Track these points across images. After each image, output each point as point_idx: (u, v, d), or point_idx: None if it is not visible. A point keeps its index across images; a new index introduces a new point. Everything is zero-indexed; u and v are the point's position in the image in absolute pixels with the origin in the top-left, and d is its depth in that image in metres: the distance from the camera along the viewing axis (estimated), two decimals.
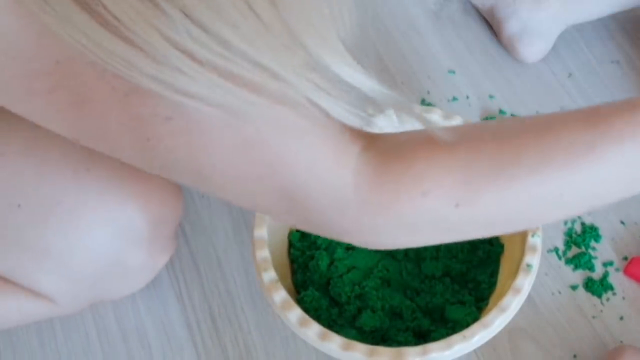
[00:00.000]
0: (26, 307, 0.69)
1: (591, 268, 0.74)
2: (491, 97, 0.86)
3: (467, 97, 0.86)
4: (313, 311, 0.65)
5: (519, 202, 0.46)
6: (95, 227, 0.64)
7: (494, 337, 0.62)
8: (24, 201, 0.63)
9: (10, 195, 0.63)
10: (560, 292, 0.73)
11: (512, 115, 0.84)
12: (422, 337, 0.65)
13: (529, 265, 0.63)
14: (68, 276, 0.65)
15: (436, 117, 0.71)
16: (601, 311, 0.72)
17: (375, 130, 0.47)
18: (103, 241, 0.64)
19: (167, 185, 0.68)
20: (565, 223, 0.77)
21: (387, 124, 0.61)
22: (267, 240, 0.65)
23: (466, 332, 0.60)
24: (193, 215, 0.80)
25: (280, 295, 0.62)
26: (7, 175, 0.63)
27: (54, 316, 0.72)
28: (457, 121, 0.71)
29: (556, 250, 0.76)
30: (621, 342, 0.70)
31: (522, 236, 0.65)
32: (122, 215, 0.64)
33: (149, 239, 0.66)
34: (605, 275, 0.74)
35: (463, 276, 0.68)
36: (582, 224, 0.77)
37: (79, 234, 0.64)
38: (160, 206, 0.66)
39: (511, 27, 0.87)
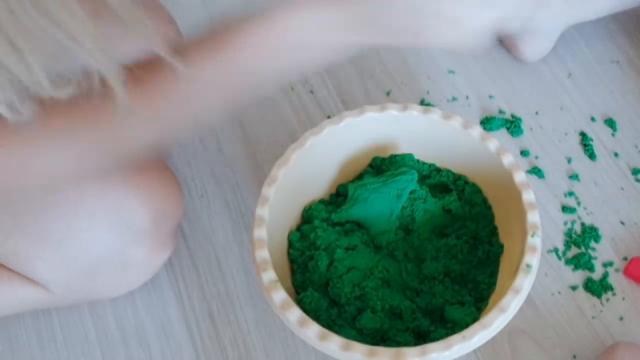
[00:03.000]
0: (21, 294, 0.69)
1: (591, 268, 0.74)
2: (491, 97, 0.86)
3: (467, 97, 0.86)
4: (312, 312, 0.65)
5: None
6: (96, 217, 0.64)
7: (494, 338, 0.62)
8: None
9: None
10: (560, 293, 0.73)
11: (512, 115, 0.84)
12: (421, 337, 0.65)
13: (528, 266, 0.62)
14: (65, 265, 0.65)
15: (436, 118, 0.71)
16: (601, 311, 0.72)
17: None
18: (104, 232, 0.64)
19: (168, 181, 0.68)
20: (565, 223, 0.77)
21: None
22: (266, 241, 0.65)
23: (466, 332, 0.60)
24: (192, 215, 0.80)
25: (280, 295, 0.62)
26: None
27: (49, 306, 0.72)
28: (457, 122, 0.71)
29: (556, 250, 0.75)
30: None
31: (522, 236, 0.65)
32: (124, 206, 0.64)
33: (150, 233, 0.66)
34: (605, 276, 0.74)
35: (463, 277, 0.68)
36: (582, 224, 0.77)
37: (79, 223, 0.63)
38: (161, 200, 0.66)
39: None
